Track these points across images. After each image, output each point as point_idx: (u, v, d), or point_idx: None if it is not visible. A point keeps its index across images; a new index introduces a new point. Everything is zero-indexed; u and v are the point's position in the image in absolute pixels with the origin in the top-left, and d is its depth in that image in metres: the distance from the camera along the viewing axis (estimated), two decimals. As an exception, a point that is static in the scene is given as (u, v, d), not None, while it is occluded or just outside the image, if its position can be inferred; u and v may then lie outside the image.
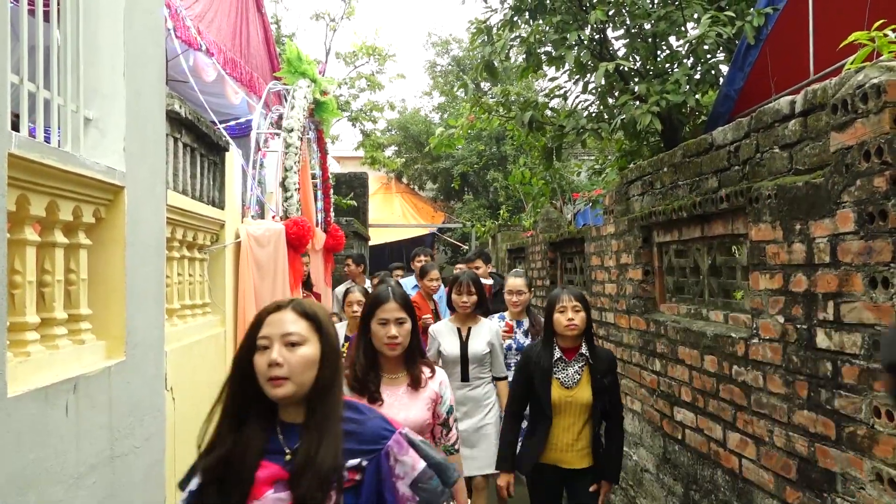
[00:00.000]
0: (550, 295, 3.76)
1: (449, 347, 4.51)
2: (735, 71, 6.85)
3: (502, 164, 18.82)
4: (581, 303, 3.61)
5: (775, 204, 2.86)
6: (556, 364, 3.62)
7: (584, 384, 3.60)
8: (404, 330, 2.93)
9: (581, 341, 3.65)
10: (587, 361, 3.63)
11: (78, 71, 2.98)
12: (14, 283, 2.46)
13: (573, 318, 3.56)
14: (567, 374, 3.61)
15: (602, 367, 3.63)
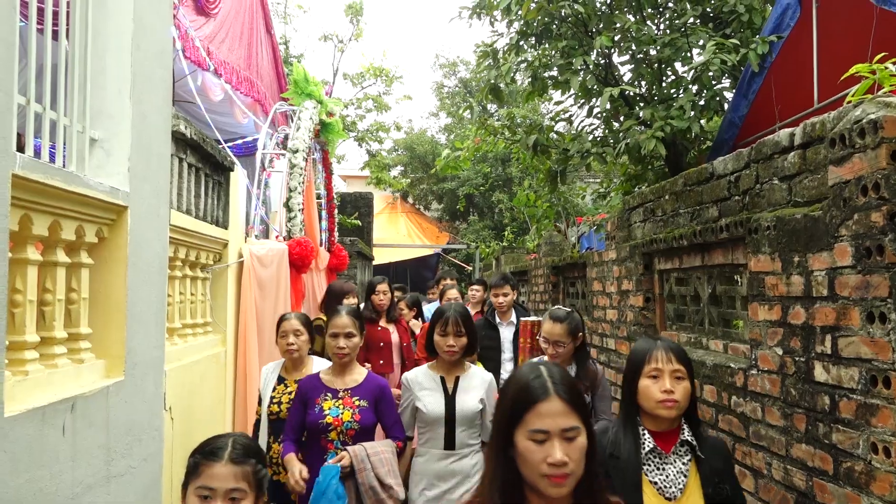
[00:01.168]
0: (635, 347, 2.51)
1: (431, 404, 3.53)
2: (739, 98, 6.89)
3: (507, 186, 18.88)
4: (685, 366, 2.33)
5: (774, 235, 2.87)
6: (647, 459, 2.30)
7: (693, 492, 2.25)
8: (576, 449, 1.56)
9: (681, 423, 2.34)
10: (694, 454, 2.30)
11: (84, 91, 3.01)
12: (15, 301, 2.47)
13: (673, 389, 2.28)
14: (667, 475, 2.27)
15: (717, 464, 2.30)
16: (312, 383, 3.55)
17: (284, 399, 3.86)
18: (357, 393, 3.50)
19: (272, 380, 4.03)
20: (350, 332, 3.53)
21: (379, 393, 3.52)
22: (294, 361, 4.03)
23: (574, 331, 3.66)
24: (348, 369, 3.57)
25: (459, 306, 3.74)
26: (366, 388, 3.52)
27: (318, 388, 3.51)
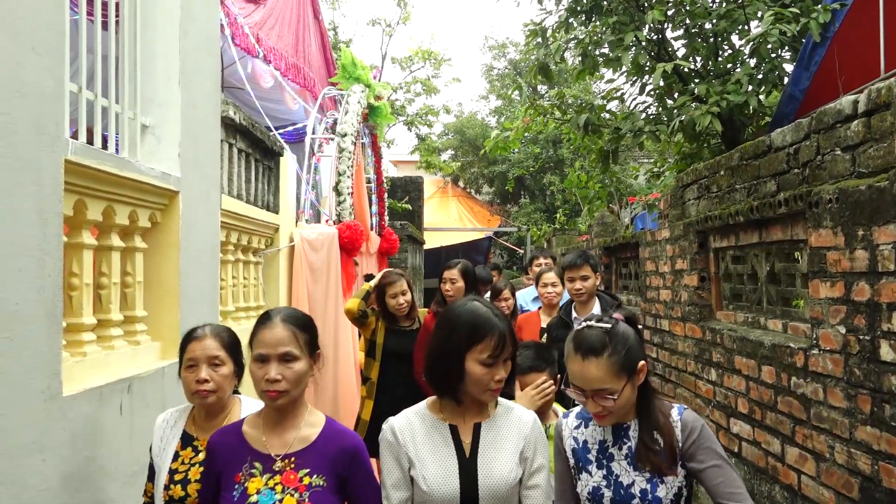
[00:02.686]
0: None
1: (436, 476, 2.00)
2: (800, 70, 6.61)
3: (559, 168, 18.65)
4: None
5: (836, 208, 2.74)
6: None
7: None
8: None
9: None
10: None
11: (135, 79, 3.07)
12: (71, 285, 2.55)
13: None
14: None
15: None
16: (228, 443, 2.04)
17: (193, 474, 2.27)
18: (306, 462, 2.00)
19: (172, 439, 2.36)
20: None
21: (347, 461, 2.02)
22: (208, 409, 2.34)
23: (625, 363, 1.91)
24: (290, 415, 2.03)
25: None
26: (321, 453, 2.02)
27: (239, 453, 2.01)
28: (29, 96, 2.07)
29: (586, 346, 1.91)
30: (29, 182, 2.06)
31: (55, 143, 2.20)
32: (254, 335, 2.01)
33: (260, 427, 2.04)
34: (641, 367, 1.93)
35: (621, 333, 1.93)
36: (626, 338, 1.92)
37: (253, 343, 2.00)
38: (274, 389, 1.92)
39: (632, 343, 1.93)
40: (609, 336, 1.91)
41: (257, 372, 1.94)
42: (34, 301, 2.09)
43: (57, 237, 2.21)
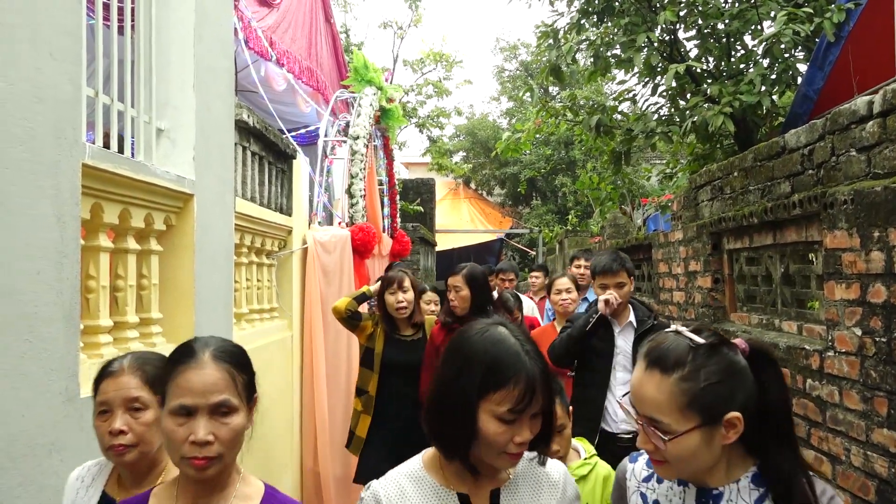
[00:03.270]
0: None
1: None
2: (814, 70, 6.56)
3: (571, 169, 18.62)
4: None
5: (852, 210, 2.72)
6: None
7: None
8: None
9: None
10: None
11: (150, 83, 3.10)
12: (88, 287, 2.57)
13: None
14: None
15: None
16: None
17: None
18: None
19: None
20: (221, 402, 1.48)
21: None
22: (133, 468, 1.81)
23: (700, 400, 1.38)
24: (216, 486, 1.51)
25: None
26: None
27: None
28: (47, 101, 2.10)
29: (656, 353, 1.40)
30: (47, 186, 2.09)
31: (73, 148, 2.22)
32: (169, 377, 1.47)
33: (173, 501, 1.49)
34: (730, 419, 1.34)
35: (716, 360, 1.36)
36: (720, 369, 1.35)
37: (169, 388, 1.46)
38: (203, 456, 1.40)
39: (726, 380, 1.35)
40: (694, 354, 1.36)
41: (177, 431, 1.41)
42: (52, 303, 2.11)
43: (75, 240, 2.24)
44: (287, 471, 4.88)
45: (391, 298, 3.95)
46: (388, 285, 3.99)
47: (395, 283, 3.95)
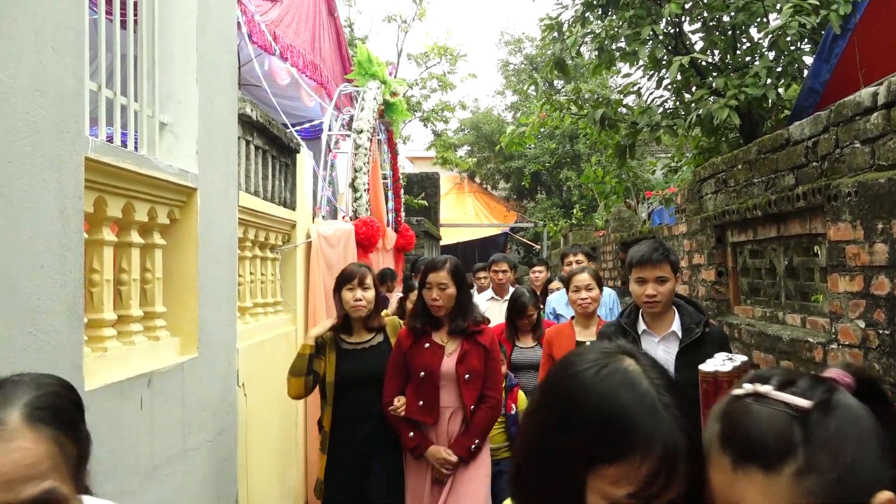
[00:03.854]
0: None
1: None
2: (820, 62, 6.53)
3: (576, 163, 18.59)
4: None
5: (855, 202, 2.71)
6: None
7: None
8: None
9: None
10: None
11: (153, 77, 3.10)
12: (92, 281, 2.58)
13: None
14: None
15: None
16: None
17: None
18: None
19: None
20: None
21: None
22: None
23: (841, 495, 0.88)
24: None
25: None
26: None
27: None
28: (50, 95, 2.10)
29: (743, 441, 0.90)
30: (51, 180, 2.09)
31: (76, 141, 2.23)
32: None
33: None
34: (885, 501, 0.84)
35: (838, 426, 0.87)
36: (849, 436, 0.87)
37: None
38: None
39: (861, 449, 0.86)
40: (803, 428, 0.87)
41: None
42: (56, 297, 2.12)
43: (78, 234, 2.25)
44: (291, 464, 4.90)
45: (348, 295, 3.49)
46: (346, 280, 3.56)
47: (356, 278, 3.52)
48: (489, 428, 3.44)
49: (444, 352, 3.36)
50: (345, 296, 3.52)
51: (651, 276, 2.82)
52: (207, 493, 3.30)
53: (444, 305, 3.37)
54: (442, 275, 3.37)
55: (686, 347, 2.77)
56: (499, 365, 3.53)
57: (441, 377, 3.33)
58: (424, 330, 3.41)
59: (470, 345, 3.36)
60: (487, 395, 3.38)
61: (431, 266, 3.41)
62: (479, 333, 3.41)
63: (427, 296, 3.41)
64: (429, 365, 3.31)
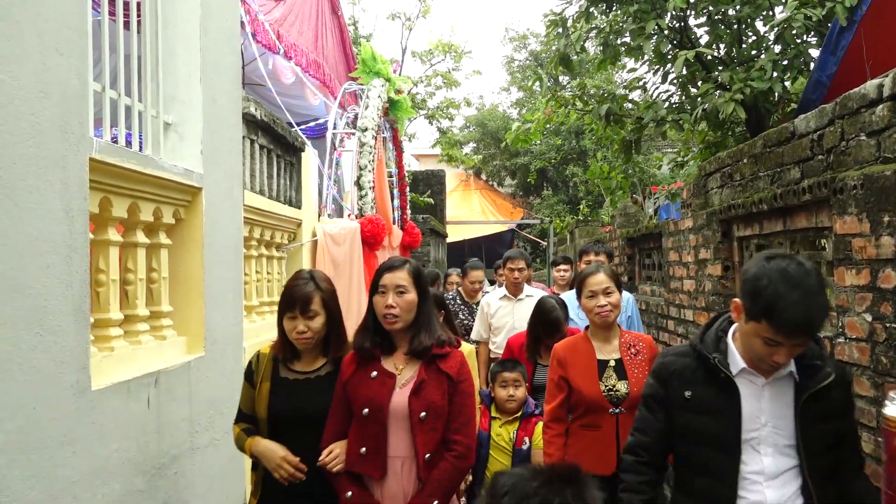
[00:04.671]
0: None
1: None
2: (826, 55, 6.49)
3: (582, 159, 18.55)
4: None
5: (861, 195, 2.69)
6: None
7: None
8: None
9: None
10: None
11: (157, 77, 3.12)
12: (98, 281, 2.60)
13: None
14: None
15: None
16: None
17: None
18: None
19: None
20: None
21: None
22: None
23: None
24: None
25: None
26: None
27: None
28: (54, 96, 2.11)
29: None
30: (55, 180, 2.11)
31: (80, 142, 2.24)
32: None
33: None
34: None
35: None
36: None
37: None
38: None
39: None
40: None
41: None
42: (62, 297, 2.13)
43: (83, 234, 2.26)
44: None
45: (289, 325, 2.61)
46: (286, 306, 2.62)
47: (297, 305, 2.58)
48: (454, 485, 2.52)
49: (395, 382, 2.48)
50: (286, 325, 2.62)
51: None
52: (216, 491, 3.32)
53: (401, 317, 2.50)
54: (400, 275, 2.53)
55: (814, 395, 2.06)
56: (471, 401, 2.58)
57: (390, 415, 2.45)
58: (373, 353, 2.55)
59: (430, 373, 2.49)
60: (453, 440, 2.47)
61: (387, 266, 2.59)
62: (442, 358, 2.52)
63: (379, 304, 2.53)
64: (374, 399, 2.44)
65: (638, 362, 3.20)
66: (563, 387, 3.17)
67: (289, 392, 2.63)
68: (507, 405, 3.64)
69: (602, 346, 3.24)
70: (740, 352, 2.08)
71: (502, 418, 3.67)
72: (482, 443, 3.54)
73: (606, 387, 3.12)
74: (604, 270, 3.31)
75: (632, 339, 3.31)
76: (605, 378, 3.13)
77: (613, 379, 3.14)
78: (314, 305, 2.58)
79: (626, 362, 3.19)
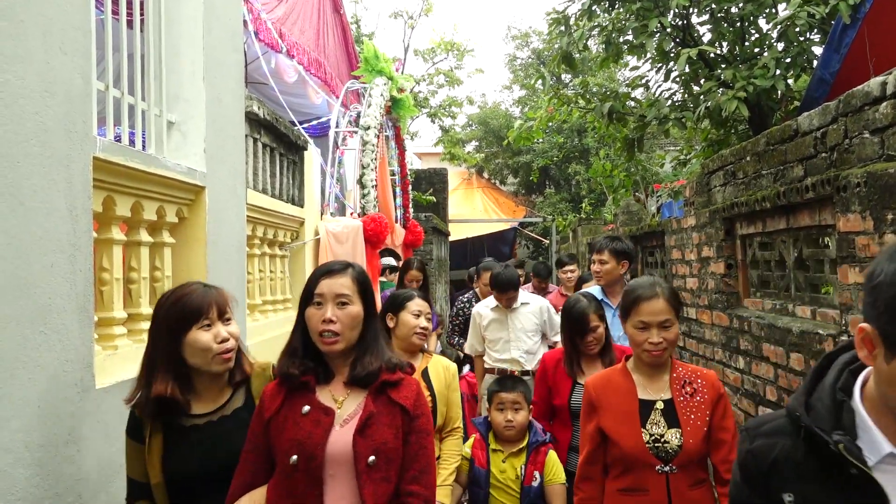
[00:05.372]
0: None
1: None
2: (830, 53, 6.47)
3: (584, 157, 18.53)
4: None
5: (865, 192, 2.69)
6: None
7: None
8: None
9: None
10: None
11: (161, 76, 3.12)
12: (102, 279, 2.60)
13: None
14: None
15: None
16: None
17: None
18: None
19: None
20: None
21: None
22: None
23: None
24: None
25: None
26: None
27: None
28: (58, 95, 2.12)
29: None
30: (59, 179, 2.11)
31: (84, 141, 2.25)
32: None
33: None
34: None
35: None
36: None
37: None
38: None
39: None
40: None
41: None
42: (66, 295, 2.14)
43: (87, 233, 2.26)
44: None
45: (204, 337, 2.04)
46: (191, 315, 2.04)
47: (211, 307, 2.08)
48: None
49: (333, 419, 1.94)
50: (198, 340, 2.01)
51: None
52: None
53: (342, 335, 1.96)
54: (342, 282, 1.99)
55: None
56: (430, 441, 2.06)
57: (326, 463, 1.89)
58: (304, 382, 1.98)
59: (379, 405, 1.96)
60: (408, 491, 1.94)
61: (324, 270, 2.05)
62: (394, 387, 2.00)
63: (314, 318, 1.97)
64: (305, 443, 1.89)
65: (695, 404, 2.39)
66: (595, 436, 2.46)
67: (190, 443, 2.02)
68: (505, 432, 3.10)
69: (646, 382, 2.46)
70: (881, 424, 1.22)
71: (505, 450, 3.10)
72: (480, 482, 3.05)
73: (652, 436, 2.34)
74: (663, 293, 2.40)
75: (687, 373, 2.47)
76: (650, 425, 2.37)
77: (661, 426, 2.36)
78: (230, 309, 2.15)
79: (678, 404, 2.39)
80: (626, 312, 2.46)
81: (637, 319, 2.40)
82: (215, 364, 2.05)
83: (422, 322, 3.03)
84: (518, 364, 4.67)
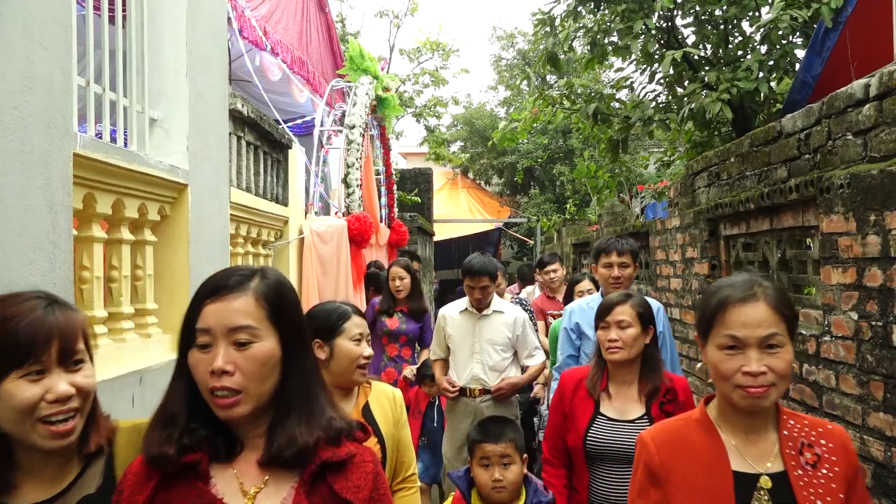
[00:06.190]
0: None
1: None
2: (812, 56, 6.53)
3: (568, 158, 18.59)
4: None
5: (848, 194, 2.71)
6: None
7: None
8: None
9: None
10: None
11: (143, 73, 3.08)
12: (82, 278, 2.56)
13: None
14: None
15: None
16: None
17: None
18: None
19: None
20: None
21: None
22: None
23: None
24: None
25: None
26: None
27: None
28: (38, 91, 2.08)
29: None
30: (39, 176, 2.07)
31: (64, 137, 2.21)
32: None
33: None
34: None
35: None
36: None
37: None
38: None
39: None
40: None
41: None
42: (45, 294, 2.10)
43: (67, 230, 2.23)
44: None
45: (30, 393, 1.30)
46: (20, 356, 1.30)
47: (33, 354, 1.31)
48: None
49: None
50: (13, 395, 1.29)
51: None
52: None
53: (244, 391, 1.27)
54: (238, 306, 1.30)
55: None
56: None
57: None
58: (188, 463, 1.27)
59: (315, 498, 1.27)
60: None
61: (211, 286, 1.36)
62: (339, 471, 1.30)
63: (201, 366, 1.30)
64: None
65: (820, 481, 1.53)
66: None
67: None
68: (493, 495, 2.42)
69: (743, 442, 1.61)
70: None
71: None
72: None
73: None
74: (765, 295, 1.58)
75: (804, 429, 1.62)
76: None
77: None
78: (80, 344, 1.46)
79: (794, 480, 1.53)
80: (707, 325, 1.66)
81: (724, 334, 1.57)
82: (38, 436, 1.30)
83: (364, 350, 2.26)
84: (479, 382, 3.91)
